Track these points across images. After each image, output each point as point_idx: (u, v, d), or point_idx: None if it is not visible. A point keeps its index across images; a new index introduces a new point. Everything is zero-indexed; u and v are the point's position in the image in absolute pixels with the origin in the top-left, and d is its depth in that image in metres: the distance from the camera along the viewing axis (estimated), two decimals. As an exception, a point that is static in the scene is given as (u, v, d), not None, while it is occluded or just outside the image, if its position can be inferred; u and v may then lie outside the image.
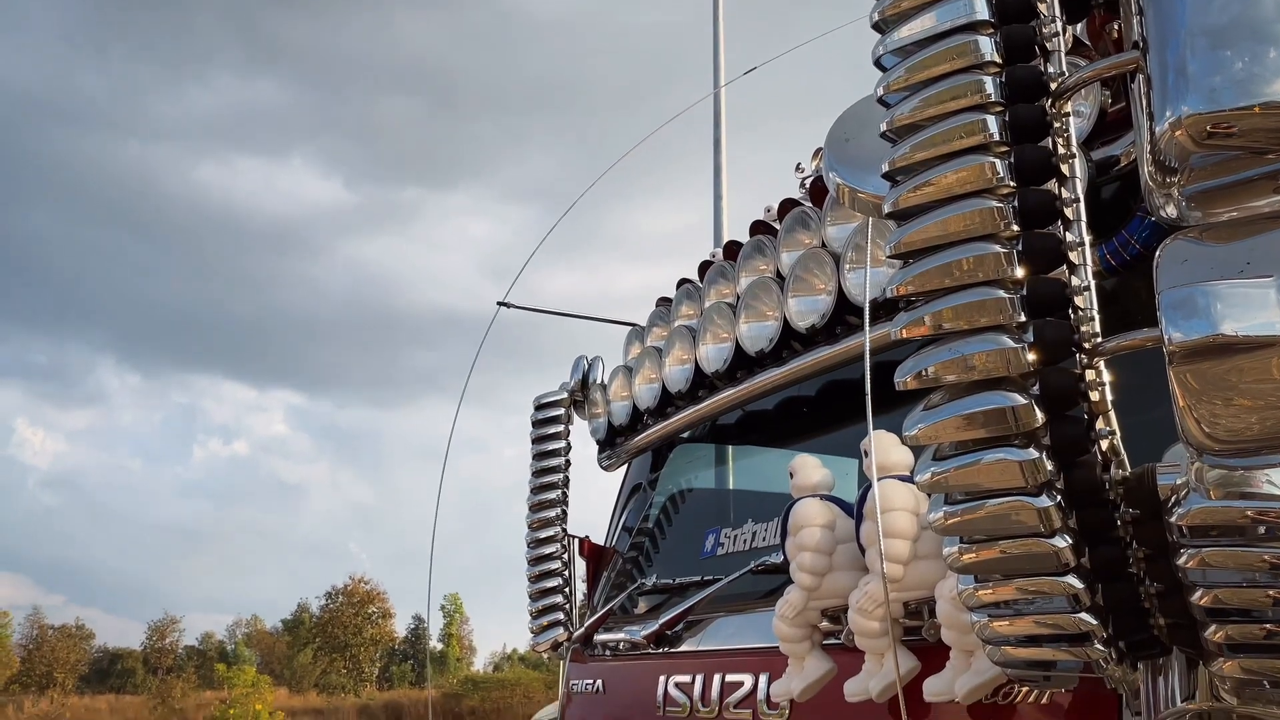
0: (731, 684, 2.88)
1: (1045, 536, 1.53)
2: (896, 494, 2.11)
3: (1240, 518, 1.39)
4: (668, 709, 3.14)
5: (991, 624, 1.68)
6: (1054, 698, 1.99)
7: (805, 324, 2.93)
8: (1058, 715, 1.99)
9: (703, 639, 3.21)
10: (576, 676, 3.97)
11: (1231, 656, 1.50)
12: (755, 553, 3.15)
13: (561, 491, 4.33)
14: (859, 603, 2.15)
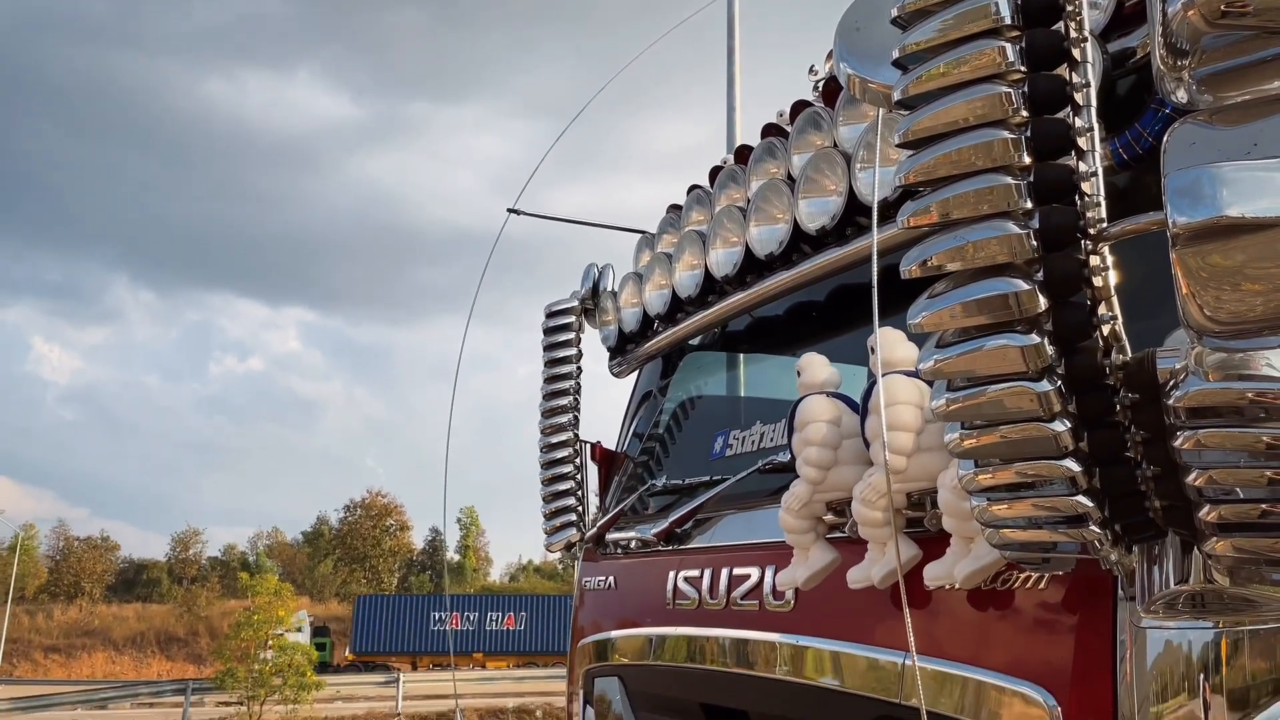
0: (739, 577, 2.96)
1: (1045, 421, 1.57)
2: (901, 388, 2.14)
3: (1238, 399, 1.41)
4: (677, 602, 3.24)
5: (990, 507, 1.73)
6: (1050, 583, 2.04)
7: (815, 226, 2.93)
8: (1055, 600, 2.04)
9: (711, 536, 3.29)
10: (589, 574, 4.08)
11: (1224, 536, 1.54)
12: (763, 453, 3.21)
13: (573, 398, 4.39)
14: (862, 493, 2.20)
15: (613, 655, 3.63)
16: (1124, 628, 1.93)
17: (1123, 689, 1.91)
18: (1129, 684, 1.90)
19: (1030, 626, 2.10)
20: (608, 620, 3.77)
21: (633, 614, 3.57)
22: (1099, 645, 1.96)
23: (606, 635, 3.72)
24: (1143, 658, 1.89)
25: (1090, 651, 1.98)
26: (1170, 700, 1.88)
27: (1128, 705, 1.90)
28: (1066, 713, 1.98)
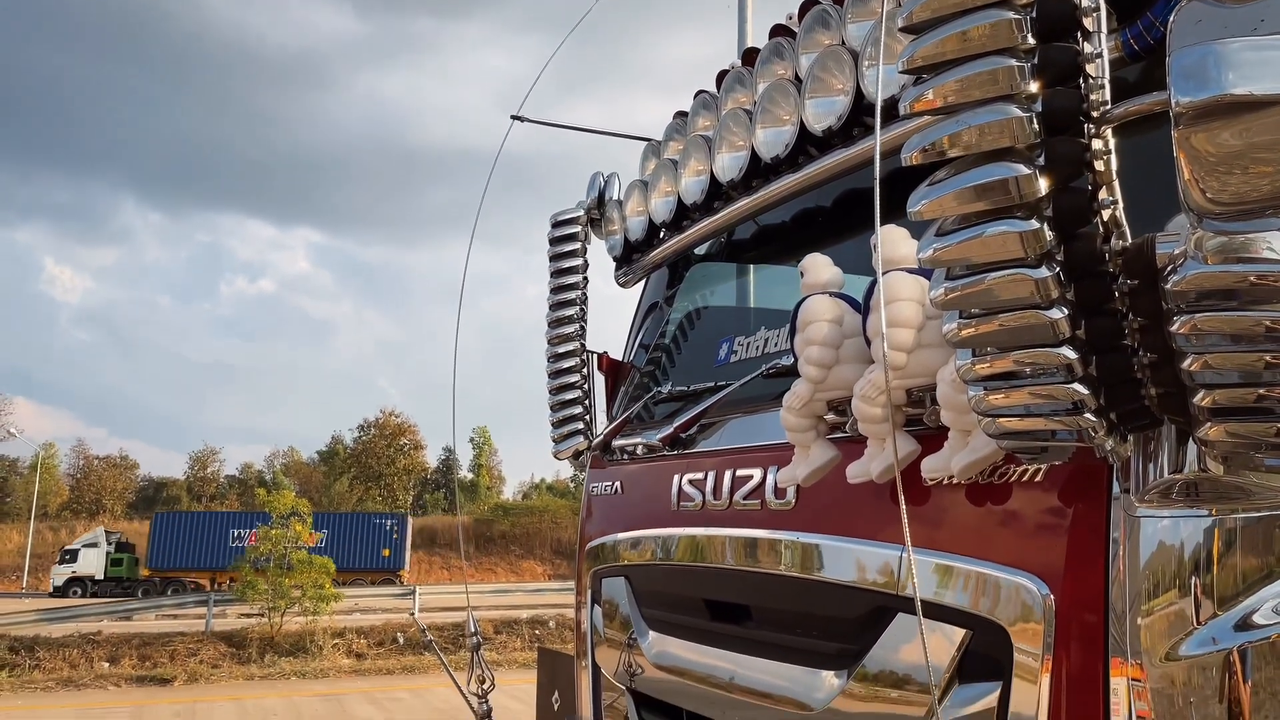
0: (742, 478, 3.01)
1: (1043, 308, 1.57)
2: (903, 284, 2.14)
3: (1238, 282, 1.41)
4: (681, 504, 3.29)
5: (987, 397, 1.74)
6: (1046, 476, 2.07)
7: (821, 127, 2.89)
8: (1051, 491, 2.07)
9: (715, 440, 3.32)
10: (595, 481, 4.14)
11: (1218, 421, 1.55)
12: (768, 358, 3.22)
13: (580, 308, 4.39)
14: (862, 390, 2.22)
15: (619, 556, 3.70)
16: (1118, 518, 1.96)
17: (1115, 578, 1.95)
18: (1122, 573, 1.93)
19: (1025, 519, 2.14)
20: (614, 524, 3.83)
21: (639, 517, 3.63)
22: (1093, 536, 1.99)
23: (613, 537, 3.79)
24: (1136, 547, 1.92)
25: (1084, 542, 2.01)
26: (1164, 587, 1.91)
27: (1120, 594, 1.94)
28: (1059, 602, 2.02)
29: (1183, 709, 1.87)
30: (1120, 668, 1.91)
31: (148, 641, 19.93)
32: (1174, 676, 1.88)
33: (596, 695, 3.85)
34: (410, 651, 20.24)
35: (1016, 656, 2.06)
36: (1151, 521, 1.91)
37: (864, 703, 2.41)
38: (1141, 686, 1.89)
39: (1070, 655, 1.99)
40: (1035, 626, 2.03)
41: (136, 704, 14.85)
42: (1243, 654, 1.83)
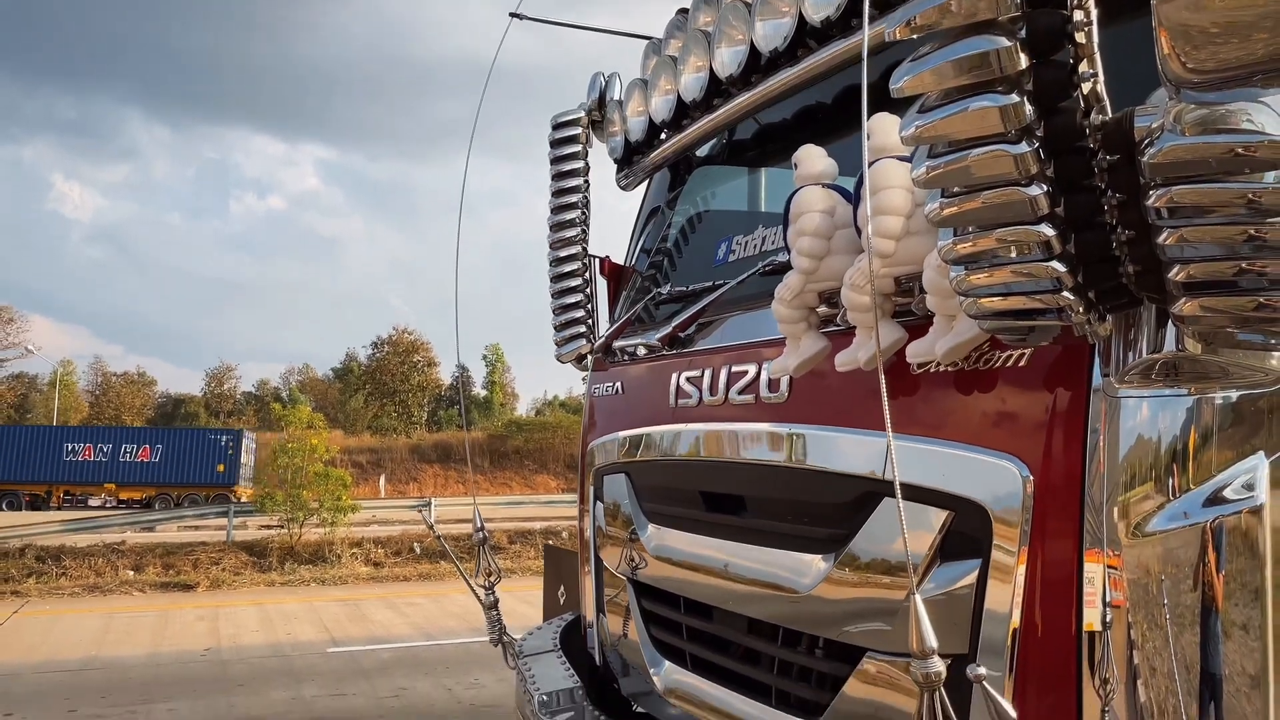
0: (737, 374, 3.05)
1: (1022, 185, 1.58)
2: (892, 171, 2.14)
3: (1214, 154, 1.41)
4: (679, 401, 3.35)
5: (969, 277, 1.76)
6: (1029, 361, 2.10)
7: (819, 17, 2.85)
8: (1033, 376, 2.10)
9: (713, 338, 3.36)
10: (597, 383, 4.20)
11: (1193, 297, 1.57)
12: (765, 255, 3.24)
13: (582, 212, 4.39)
14: (852, 278, 2.23)
15: (619, 454, 3.78)
16: (1098, 400, 1.99)
17: (1092, 458, 1.99)
18: (1100, 453, 1.97)
19: (1008, 404, 2.17)
20: (615, 424, 3.90)
21: (639, 416, 3.69)
22: (1072, 419, 2.03)
23: (613, 436, 3.86)
24: (1115, 427, 1.97)
25: (1064, 425, 2.05)
26: (1140, 466, 1.96)
27: (1097, 474, 1.98)
28: (1038, 482, 2.07)
29: (1154, 583, 1.93)
30: (1095, 544, 1.97)
31: (171, 551, 20.46)
32: (1146, 552, 1.94)
33: (599, 588, 3.97)
34: (426, 560, 20.71)
35: (995, 536, 2.12)
36: (1130, 402, 1.95)
37: (849, 586, 2.49)
38: (1118, 561, 1.95)
39: (1047, 533, 2.05)
40: (1014, 506, 2.08)
41: (162, 608, 15.33)
42: (1213, 528, 1.88)
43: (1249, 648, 1.89)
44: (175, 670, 10.96)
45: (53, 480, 42.34)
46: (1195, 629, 1.92)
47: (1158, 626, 1.93)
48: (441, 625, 13.75)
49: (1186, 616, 1.92)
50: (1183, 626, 1.92)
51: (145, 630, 13.40)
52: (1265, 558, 1.87)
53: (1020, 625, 2.07)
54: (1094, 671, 1.96)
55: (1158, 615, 1.93)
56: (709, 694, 3.11)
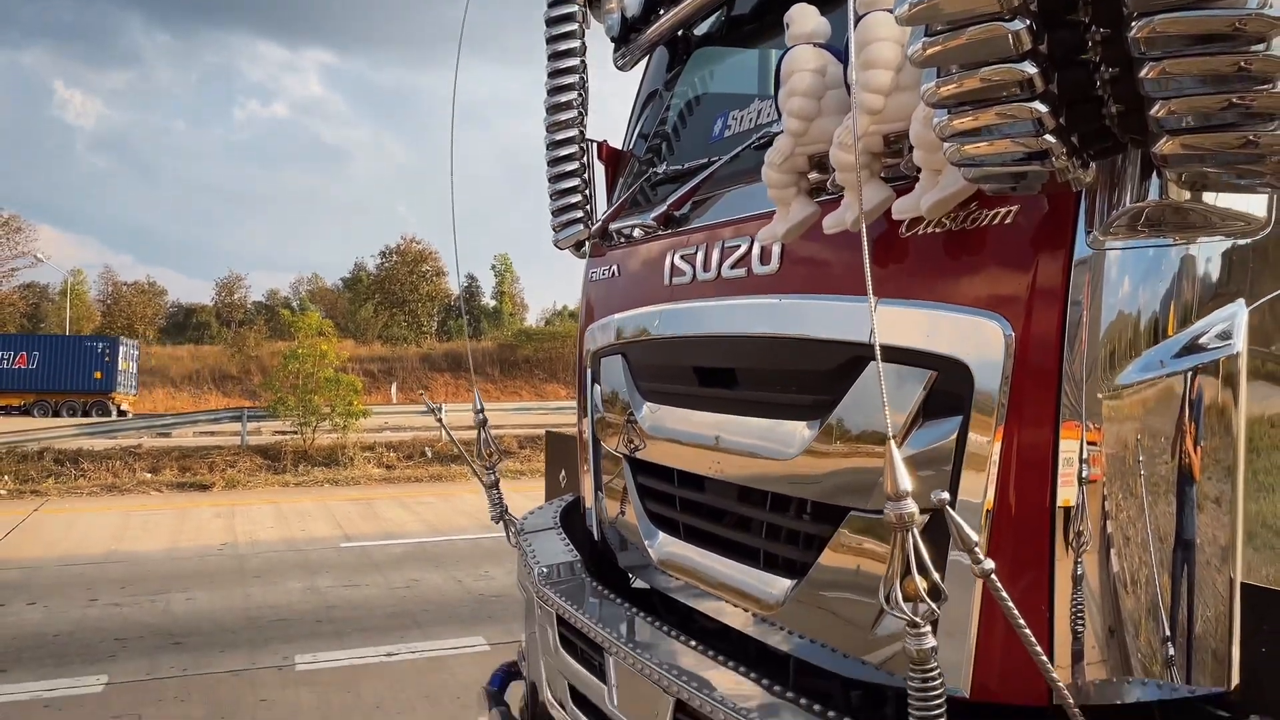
0: (729, 249, 3.05)
1: (1005, 20, 1.55)
2: (883, 24, 2.10)
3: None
4: (674, 279, 3.35)
5: (952, 122, 1.75)
6: (1014, 218, 2.09)
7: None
8: (1017, 234, 2.09)
9: (707, 215, 3.35)
10: (594, 268, 4.20)
11: (1175, 134, 1.55)
12: (761, 128, 3.20)
13: (579, 94, 4.31)
14: (841, 136, 2.21)
15: (616, 336, 3.80)
16: (1081, 255, 1.99)
17: (1074, 313, 2.00)
18: (1084, 307, 1.98)
19: (992, 262, 2.17)
20: (612, 306, 3.92)
21: (635, 297, 3.70)
22: (1054, 275, 2.03)
23: (610, 319, 3.89)
24: (1098, 280, 1.97)
25: (1046, 281, 2.05)
26: (1119, 318, 1.97)
27: (1079, 328, 1.99)
28: (1020, 339, 2.08)
29: (1130, 434, 1.97)
30: (1074, 398, 2.00)
31: (186, 454, 20.84)
32: (1122, 402, 1.96)
33: (597, 467, 4.04)
34: (438, 463, 21.07)
35: (977, 393, 2.14)
36: (1112, 254, 1.95)
37: (835, 449, 2.53)
38: (1094, 413, 1.97)
39: (1027, 388, 2.07)
40: (995, 363, 2.10)
41: (178, 507, 15.69)
42: (1188, 377, 1.90)
43: (1221, 494, 1.93)
44: (193, 563, 11.28)
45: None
46: (1170, 479, 1.96)
47: (1133, 477, 1.97)
48: (452, 523, 14.07)
49: (1160, 468, 1.96)
50: (1157, 480, 1.96)
51: (162, 527, 13.75)
52: (1239, 407, 1.89)
53: (997, 481, 2.11)
54: (1068, 527, 2.01)
55: (1132, 470, 1.97)
56: (700, 562, 3.19)
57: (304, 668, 7.46)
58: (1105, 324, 1.97)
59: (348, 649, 7.89)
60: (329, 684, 7.07)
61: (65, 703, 6.69)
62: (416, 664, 7.51)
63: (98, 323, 72.19)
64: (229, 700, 6.77)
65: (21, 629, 8.51)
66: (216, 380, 58.03)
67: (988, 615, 2.13)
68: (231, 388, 55.93)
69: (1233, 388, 1.89)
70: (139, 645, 8.06)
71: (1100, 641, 2.01)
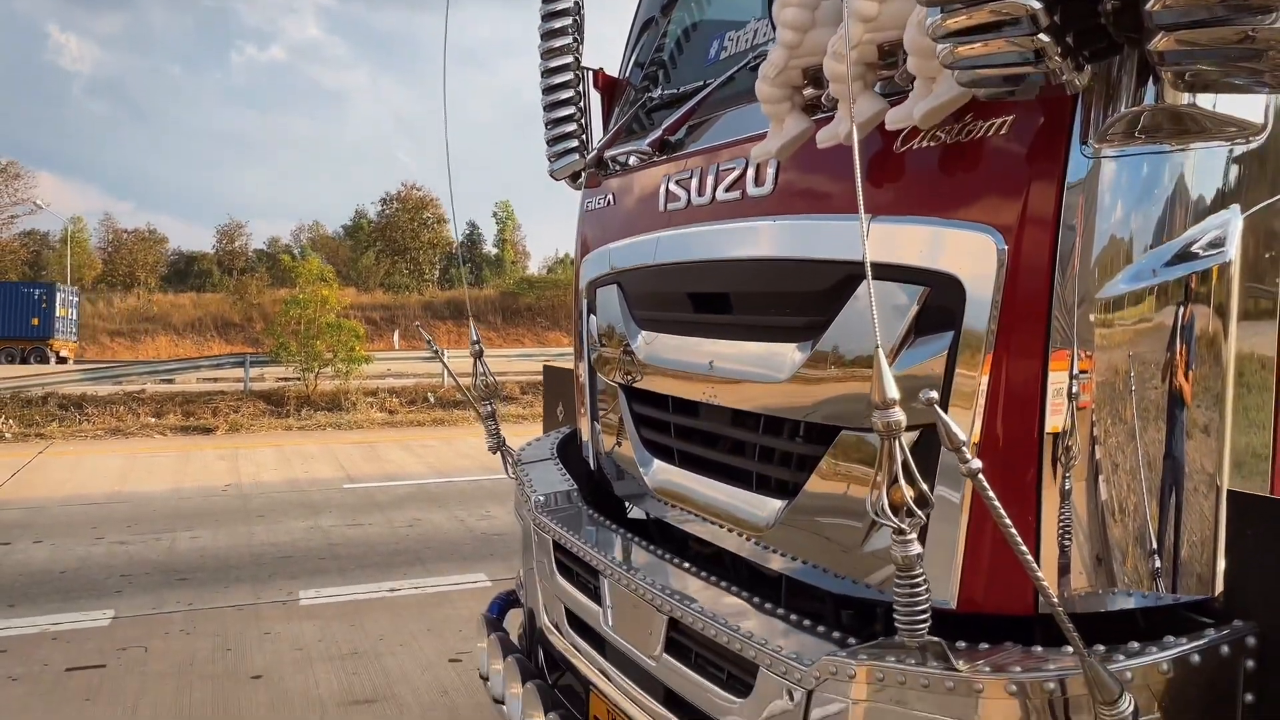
0: (724, 171, 3.02)
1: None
2: (878, -74, 2.05)
3: None
4: (669, 205, 3.33)
5: (944, 21, 1.71)
6: (1009, 129, 2.06)
7: None
8: (1011, 145, 2.06)
9: (702, 139, 3.31)
10: (590, 198, 4.17)
11: (1171, 30, 1.52)
12: (757, 48, 3.15)
13: (574, 19, 4.25)
14: (834, 45, 2.18)
15: (611, 265, 3.79)
16: (1076, 166, 1.97)
17: (1066, 223, 1.98)
18: (1075, 217, 1.97)
19: (985, 175, 2.14)
20: (608, 235, 3.89)
21: (630, 225, 3.68)
22: (1049, 187, 2.00)
23: (605, 248, 3.86)
24: (1094, 188, 1.95)
25: (1040, 193, 2.03)
26: (1112, 227, 1.95)
27: (1073, 239, 1.98)
28: (1013, 251, 2.07)
29: (1121, 343, 1.96)
30: (1066, 309, 1.98)
31: (190, 399, 20.93)
32: (1114, 312, 1.95)
33: (593, 397, 4.05)
34: (440, 409, 21.15)
35: (969, 307, 2.13)
36: (1107, 162, 1.92)
37: (829, 368, 2.53)
38: (1085, 324, 1.97)
39: (1019, 301, 2.05)
40: (988, 276, 2.09)
41: (182, 449, 15.80)
42: (1179, 286, 1.89)
43: (1211, 404, 1.93)
44: (197, 503, 11.39)
45: None
46: (1161, 388, 1.96)
47: (1124, 387, 1.97)
48: (455, 465, 14.16)
49: (1152, 377, 1.96)
50: (1147, 389, 1.96)
51: (167, 469, 13.86)
52: (1231, 314, 1.88)
53: (988, 395, 2.11)
54: (1058, 440, 2.01)
55: (1123, 381, 1.97)
56: (694, 488, 3.21)
57: (307, 602, 7.56)
58: (1099, 234, 1.96)
59: (351, 584, 7.99)
60: (332, 617, 7.17)
61: (72, 635, 6.79)
62: (419, 599, 7.61)
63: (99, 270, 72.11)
64: (234, 632, 6.88)
65: (28, 566, 8.62)
66: (219, 328, 58.08)
67: (975, 528, 2.14)
68: (234, 335, 55.99)
69: (1225, 295, 1.88)
70: (144, 581, 8.17)
71: (1087, 553, 2.02)
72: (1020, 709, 1.85)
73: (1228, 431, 1.91)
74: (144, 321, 56.97)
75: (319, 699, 5.71)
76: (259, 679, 6.03)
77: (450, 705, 5.61)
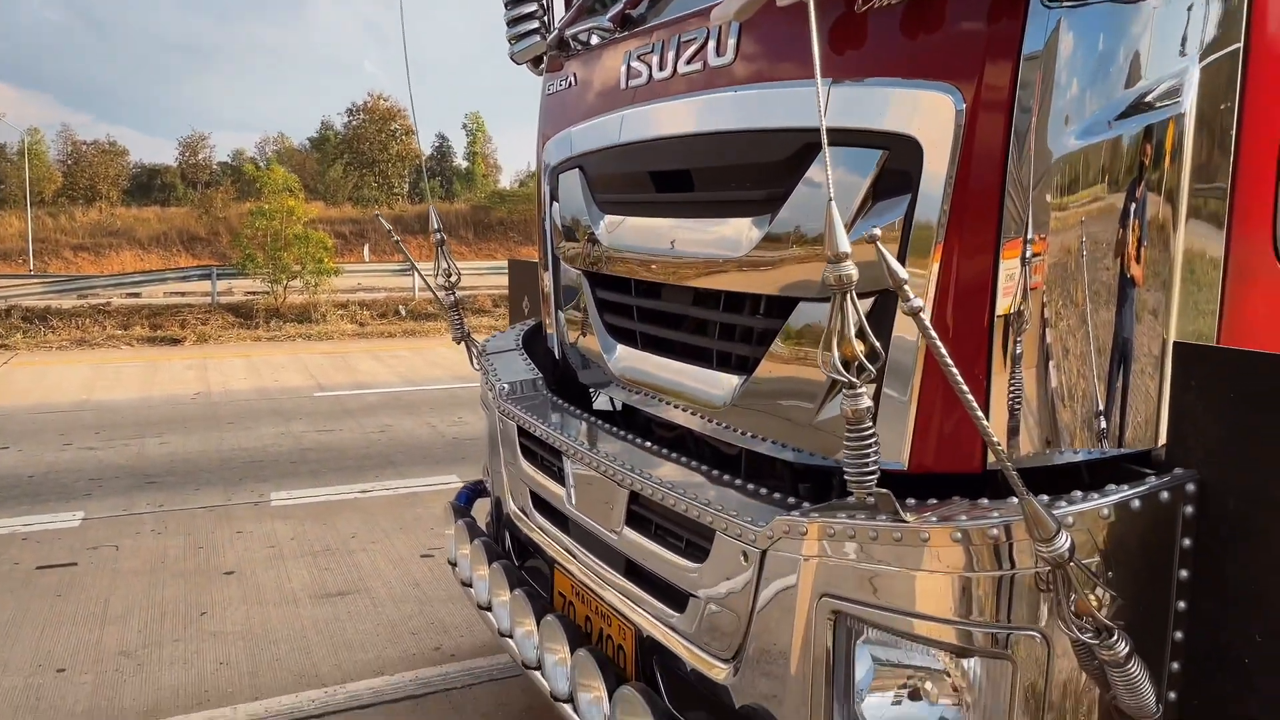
0: (685, 43, 2.95)
1: None
2: None
3: None
4: (630, 82, 3.26)
5: None
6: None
7: None
8: (971, 4, 2.03)
9: (664, 11, 3.23)
10: (551, 81, 4.07)
11: None
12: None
13: (535, -106, 4.10)
14: (792, -104, 2.11)
15: (573, 148, 3.72)
16: (1035, 20, 1.94)
17: (1026, 77, 1.95)
18: (1036, 70, 1.94)
19: (944, 32, 2.10)
20: (570, 118, 3.81)
21: (591, 106, 3.61)
22: (1008, 41, 1.98)
23: (567, 131, 3.79)
24: (1054, 42, 1.92)
25: (999, 49, 1.99)
26: (1067, 80, 1.93)
27: (1033, 90, 1.95)
28: (970, 110, 2.04)
29: (1075, 200, 1.96)
30: (1021, 164, 1.97)
31: (157, 312, 20.68)
32: (1070, 166, 1.95)
33: (556, 285, 4.03)
34: (412, 320, 21.03)
35: (926, 168, 2.11)
36: (1066, 13, 1.89)
37: (787, 244, 2.51)
38: (1041, 179, 1.96)
39: (974, 159, 2.03)
40: (945, 136, 2.06)
41: (150, 359, 15.66)
42: (1137, 137, 1.88)
43: (1160, 257, 1.94)
44: (166, 411, 11.34)
45: None
46: (1113, 243, 1.96)
47: (1076, 246, 1.97)
48: (426, 374, 14.15)
49: (1104, 234, 1.96)
50: (1098, 245, 1.96)
51: (134, 378, 13.75)
52: (1184, 165, 1.88)
53: (943, 255, 2.11)
54: (1011, 300, 2.02)
55: (1076, 239, 1.97)
56: (657, 372, 3.22)
57: (279, 503, 7.60)
58: (1057, 87, 1.94)
59: (323, 487, 8.03)
60: (304, 518, 7.23)
61: (43, 535, 6.81)
62: (390, 499, 7.67)
63: (59, 184, 70.30)
64: (205, 531, 6.92)
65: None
66: (185, 242, 57.03)
67: (927, 392, 2.16)
68: (201, 249, 55.04)
69: (1179, 146, 1.87)
70: (114, 485, 8.17)
71: (1035, 410, 2.05)
72: (965, 555, 1.90)
73: (1176, 285, 1.93)
74: (107, 236, 55.74)
75: (291, 593, 5.79)
76: (231, 574, 6.09)
77: (422, 597, 5.71)
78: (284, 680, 4.68)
